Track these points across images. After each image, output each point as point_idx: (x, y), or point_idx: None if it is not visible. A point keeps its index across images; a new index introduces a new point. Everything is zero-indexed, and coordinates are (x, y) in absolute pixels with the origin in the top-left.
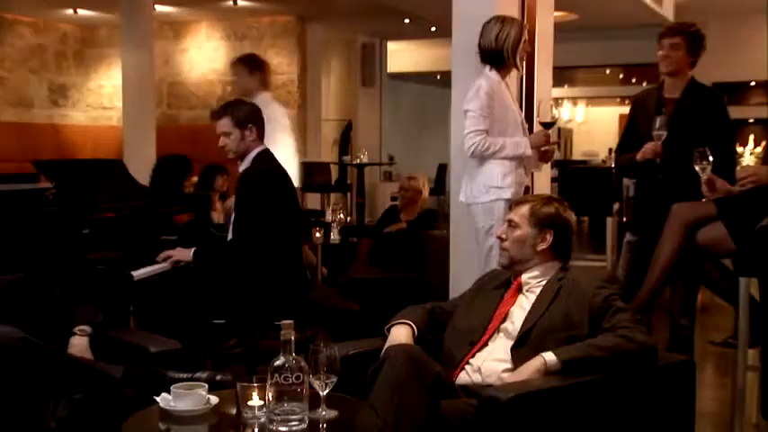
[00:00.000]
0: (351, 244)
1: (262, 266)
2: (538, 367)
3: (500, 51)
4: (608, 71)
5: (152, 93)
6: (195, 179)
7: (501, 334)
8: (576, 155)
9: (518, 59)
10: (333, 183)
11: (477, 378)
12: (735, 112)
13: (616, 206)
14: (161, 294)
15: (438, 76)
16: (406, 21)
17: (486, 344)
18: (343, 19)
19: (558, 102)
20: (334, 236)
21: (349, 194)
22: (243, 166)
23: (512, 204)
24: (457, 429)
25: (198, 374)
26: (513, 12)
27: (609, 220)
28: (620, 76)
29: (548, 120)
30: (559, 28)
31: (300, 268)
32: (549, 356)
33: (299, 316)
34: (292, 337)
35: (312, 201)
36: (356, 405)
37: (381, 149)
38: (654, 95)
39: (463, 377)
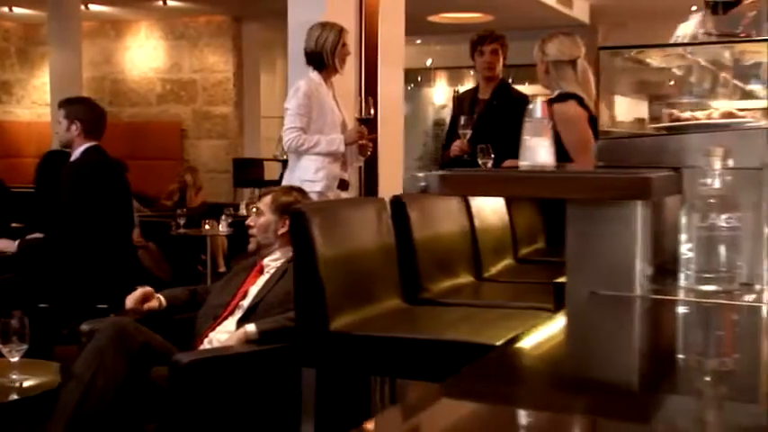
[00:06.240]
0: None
1: (84, 254)
2: (240, 336)
3: (320, 54)
4: None
5: (80, 91)
6: None
7: (239, 310)
8: None
9: (337, 62)
10: (278, 178)
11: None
12: None
13: None
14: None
15: None
16: None
17: (226, 318)
18: (281, 19)
19: None
20: (223, 228)
21: None
22: (71, 159)
23: (260, 195)
24: (160, 389)
25: None
26: (349, 18)
27: None
28: None
29: (364, 116)
30: (477, 29)
31: (130, 255)
32: (251, 327)
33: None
34: None
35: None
36: (50, 369)
37: None
38: (470, 96)
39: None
